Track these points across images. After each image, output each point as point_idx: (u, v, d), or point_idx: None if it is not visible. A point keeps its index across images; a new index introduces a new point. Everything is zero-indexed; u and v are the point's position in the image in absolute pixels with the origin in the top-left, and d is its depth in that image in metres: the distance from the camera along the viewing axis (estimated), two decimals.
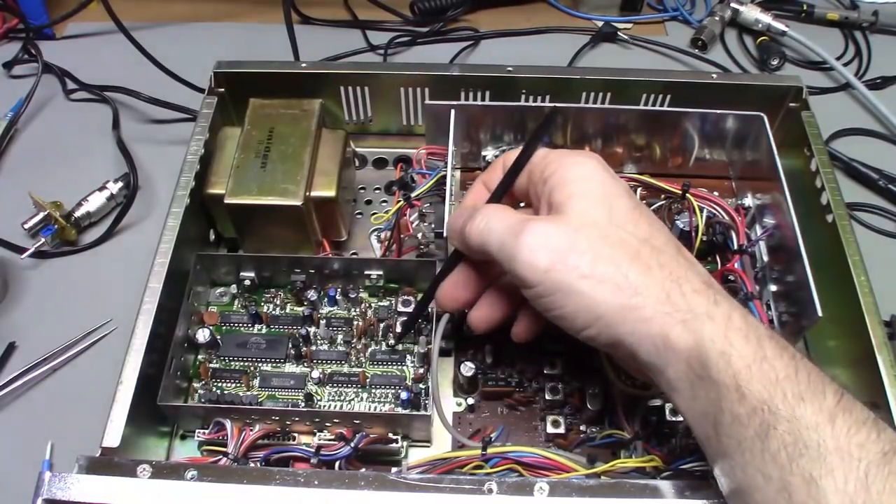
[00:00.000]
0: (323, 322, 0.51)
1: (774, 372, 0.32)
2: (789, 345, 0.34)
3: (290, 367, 0.50)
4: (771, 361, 0.32)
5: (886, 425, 0.31)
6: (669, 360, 0.35)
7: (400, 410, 0.47)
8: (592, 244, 0.36)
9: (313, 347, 0.50)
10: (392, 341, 0.50)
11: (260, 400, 0.48)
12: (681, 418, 0.45)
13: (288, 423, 0.44)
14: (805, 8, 0.80)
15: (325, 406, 0.48)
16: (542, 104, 0.59)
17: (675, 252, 0.37)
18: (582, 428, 0.47)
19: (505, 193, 0.43)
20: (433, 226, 0.54)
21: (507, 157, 0.44)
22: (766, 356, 0.33)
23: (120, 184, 0.62)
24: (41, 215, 0.59)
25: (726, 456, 0.33)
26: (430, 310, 0.49)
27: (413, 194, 0.54)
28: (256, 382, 0.49)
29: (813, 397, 0.31)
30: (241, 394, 0.48)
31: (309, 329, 0.50)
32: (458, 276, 0.44)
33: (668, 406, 0.46)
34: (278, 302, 0.52)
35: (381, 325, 0.51)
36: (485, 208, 0.41)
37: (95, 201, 0.61)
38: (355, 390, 0.48)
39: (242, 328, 0.51)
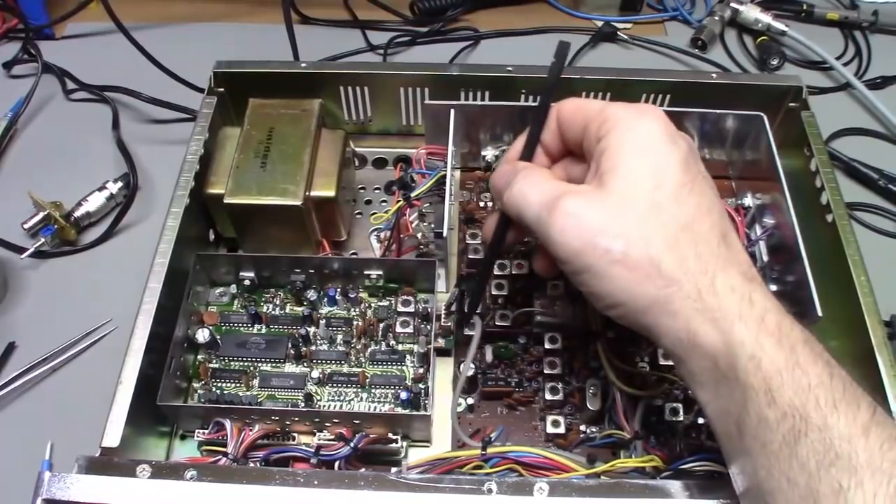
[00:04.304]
0: (323, 322, 0.51)
1: (807, 379, 0.31)
2: (825, 351, 0.33)
3: (289, 367, 0.50)
4: (804, 368, 0.32)
5: None
6: (694, 356, 0.34)
7: (400, 410, 0.47)
8: (627, 228, 0.35)
9: (313, 347, 0.50)
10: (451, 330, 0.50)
11: (260, 400, 0.48)
12: (681, 418, 0.45)
13: (288, 423, 0.44)
14: (805, 8, 0.80)
15: (324, 406, 0.48)
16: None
17: (718, 241, 0.35)
18: (582, 428, 0.47)
19: (535, 146, 0.42)
20: (433, 226, 0.54)
21: (561, 106, 0.41)
22: (799, 362, 0.32)
23: (120, 184, 0.62)
24: (41, 215, 0.59)
25: (748, 456, 0.33)
26: (429, 310, 0.50)
27: (413, 194, 0.54)
28: (256, 382, 0.49)
29: (847, 408, 0.30)
30: (240, 394, 0.48)
31: (309, 329, 0.50)
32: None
33: (668, 406, 0.46)
34: (278, 302, 0.52)
35: (381, 325, 0.51)
36: (523, 175, 0.39)
37: (95, 201, 0.61)
38: (355, 390, 0.48)
39: (242, 328, 0.51)
